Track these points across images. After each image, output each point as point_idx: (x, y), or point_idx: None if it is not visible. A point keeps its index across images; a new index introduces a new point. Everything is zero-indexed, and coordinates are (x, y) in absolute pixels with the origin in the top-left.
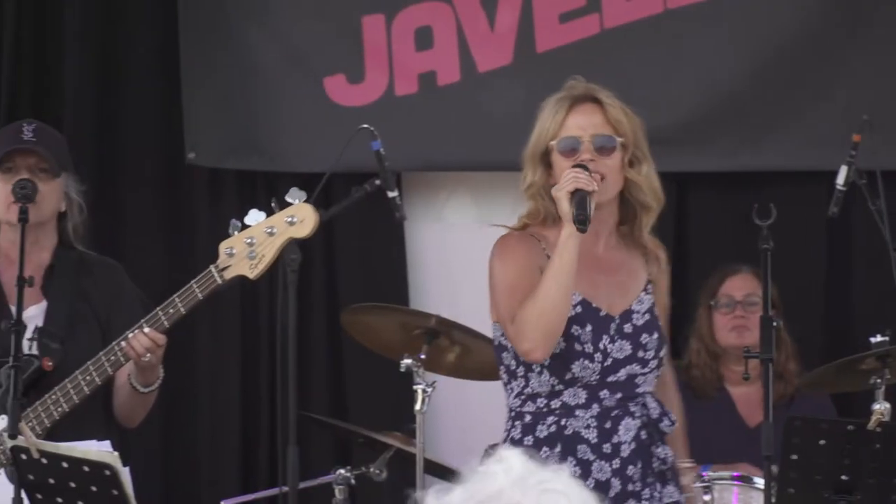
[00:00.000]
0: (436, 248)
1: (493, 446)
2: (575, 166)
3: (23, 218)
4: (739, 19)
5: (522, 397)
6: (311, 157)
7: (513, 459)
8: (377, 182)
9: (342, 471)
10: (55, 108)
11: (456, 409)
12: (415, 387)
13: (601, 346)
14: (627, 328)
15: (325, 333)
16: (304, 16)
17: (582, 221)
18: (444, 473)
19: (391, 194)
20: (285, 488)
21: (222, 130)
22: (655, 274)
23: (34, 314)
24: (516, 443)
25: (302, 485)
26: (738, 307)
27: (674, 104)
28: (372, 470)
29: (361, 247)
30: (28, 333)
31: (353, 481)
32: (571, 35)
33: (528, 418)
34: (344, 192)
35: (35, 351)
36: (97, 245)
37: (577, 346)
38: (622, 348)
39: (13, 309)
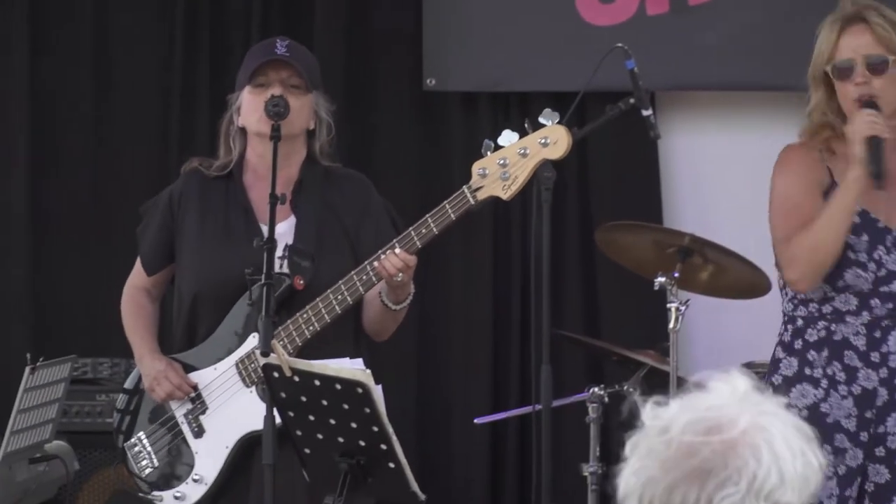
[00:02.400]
0: (689, 166)
1: (747, 364)
2: (865, 105)
3: (275, 136)
4: None
5: (795, 302)
6: (563, 77)
7: (739, 381)
8: (631, 101)
9: (595, 389)
10: (305, 35)
11: (709, 328)
12: (668, 305)
13: (876, 256)
14: None
15: (579, 252)
16: None
17: (878, 176)
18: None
19: (645, 113)
20: (538, 407)
21: (465, 55)
22: None
23: (284, 231)
24: (787, 346)
25: (555, 403)
26: None
27: None
28: (625, 388)
29: (615, 166)
30: (278, 252)
31: (606, 399)
32: None
33: (799, 322)
34: (598, 110)
35: (286, 269)
36: (348, 166)
37: (851, 255)
38: None
39: (263, 227)
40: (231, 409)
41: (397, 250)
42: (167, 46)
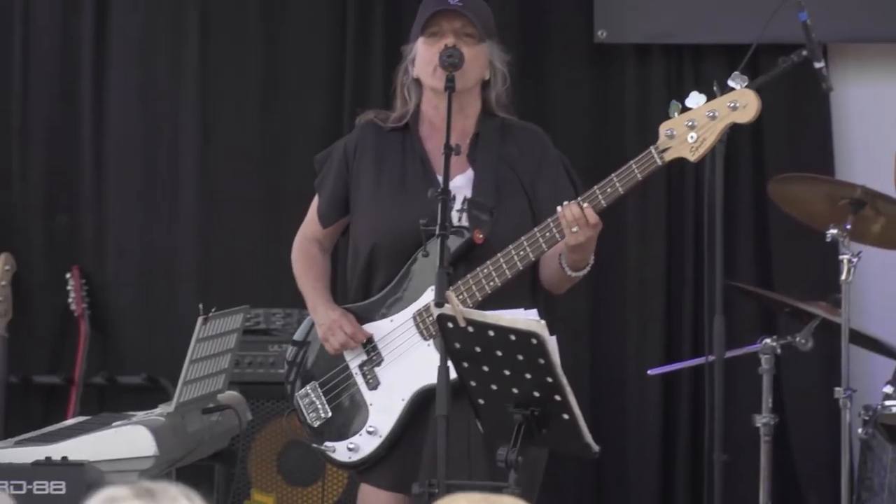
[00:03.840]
0: (861, 118)
1: None
2: None
3: (449, 86)
4: None
5: None
6: (736, 29)
7: None
8: (804, 53)
9: (768, 340)
10: None
11: (881, 280)
12: (840, 257)
13: None
14: None
15: (752, 204)
16: None
17: None
18: (869, 343)
19: (818, 65)
20: (711, 358)
21: (637, 6)
22: None
23: (461, 184)
24: None
25: (727, 354)
26: None
27: None
28: (797, 339)
29: (787, 118)
30: (457, 205)
31: (778, 351)
32: None
33: None
34: (770, 63)
35: (465, 223)
36: (523, 120)
37: None
38: None
39: (439, 178)
40: (408, 362)
41: (584, 205)
42: None
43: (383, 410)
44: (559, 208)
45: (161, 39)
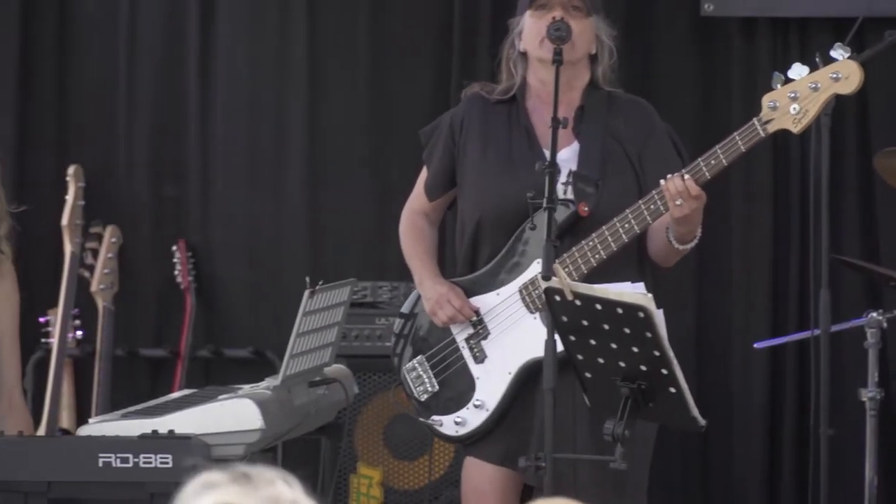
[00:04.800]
0: None
1: None
2: None
3: (557, 59)
4: None
5: None
6: (843, 2)
7: None
8: None
9: (874, 314)
10: None
11: None
12: None
13: None
14: None
15: (857, 177)
16: None
17: None
18: None
19: None
20: (817, 331)
21: None
22: None
23: (567, 157)
24: None
25: (833, 328)
26: None
27: None
28: None
29: (893, 91)
30: (562, 177)
31: (884, 325)
32: None
33: None
34: (877, 36)
35: (570, 195)
36: (628, 93)
37: None
38: None
39: (545, 151)
40: (514, 335)
41: (686, 177)
42: None
43: (490, 384)
44: (662, 182)
45: (268, 13)
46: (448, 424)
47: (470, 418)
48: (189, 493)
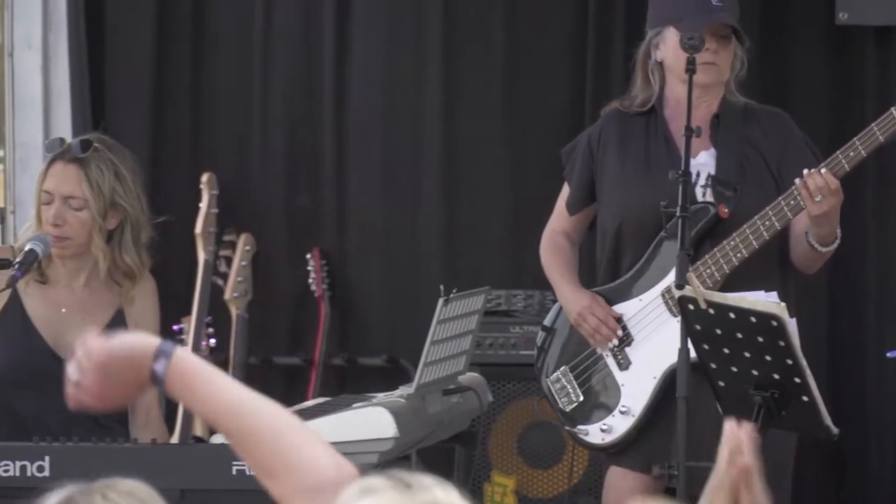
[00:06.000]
0: None
1: None
2: None
3: (690, 69)
4: None
5: None
6: None
7: None
8: None
9: None
10: None
11: None
12: None
13: None
14: None
15: None
16: None
17: None
18: None
19: None
20: None
21: None
22: None
23: (705, 161)
24: None
25: None
26: None
27: None
28: None
29: None
30: (701, 180)
31: None
32: None
33: None
34: None
35: (710, 198)
36: (761, 102)
37: None
38: None
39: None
40: (658, 340)
41: (823, 171)
42: None
43: (635, 390)
44: (797, 181)
45: (404, 19)
46: (594, 433)
47: (616, 425)
48: (348, 498)
